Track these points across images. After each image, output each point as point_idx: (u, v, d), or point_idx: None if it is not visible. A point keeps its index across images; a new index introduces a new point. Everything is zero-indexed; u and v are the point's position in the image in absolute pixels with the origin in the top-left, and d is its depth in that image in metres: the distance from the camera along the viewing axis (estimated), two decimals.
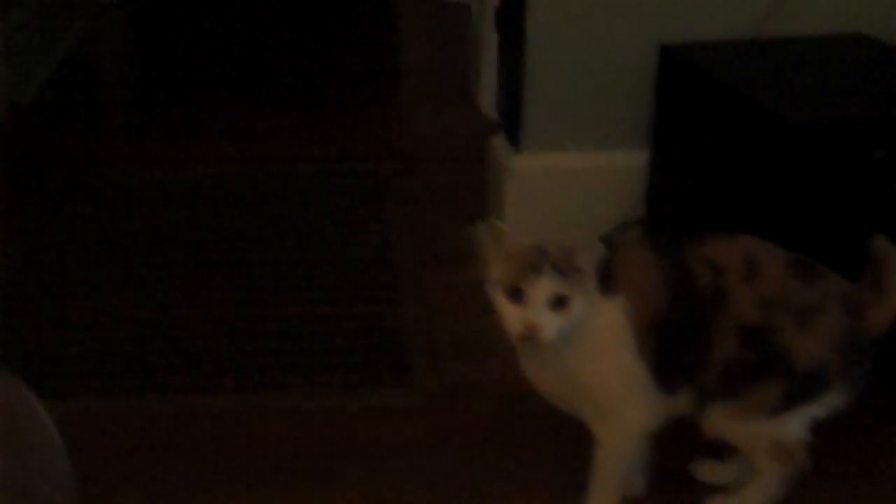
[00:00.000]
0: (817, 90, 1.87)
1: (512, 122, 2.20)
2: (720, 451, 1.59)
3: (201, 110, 3.03)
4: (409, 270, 2.19)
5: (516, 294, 1.36)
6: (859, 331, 1.45)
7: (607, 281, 1.41)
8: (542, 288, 1.35)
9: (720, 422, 1.48)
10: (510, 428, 1.74)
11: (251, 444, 1.71)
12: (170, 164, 2.67)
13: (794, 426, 1.49)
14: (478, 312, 1.68)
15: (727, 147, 1.87)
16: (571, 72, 2.09)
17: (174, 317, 2.03)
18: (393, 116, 3.07)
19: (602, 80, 2.10)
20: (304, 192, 2.53)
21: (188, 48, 3.59)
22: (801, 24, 2.07)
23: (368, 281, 2.15)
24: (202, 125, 2.93)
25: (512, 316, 1.36)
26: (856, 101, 1.82)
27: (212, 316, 2.03)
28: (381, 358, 1.91)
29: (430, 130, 2.94)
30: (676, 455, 1.62)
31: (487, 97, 2.88)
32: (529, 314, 1.35)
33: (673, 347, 1.44)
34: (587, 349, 1.43)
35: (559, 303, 1.36)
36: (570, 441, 1.57)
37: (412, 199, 2.51)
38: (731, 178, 1.86)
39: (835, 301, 1.45)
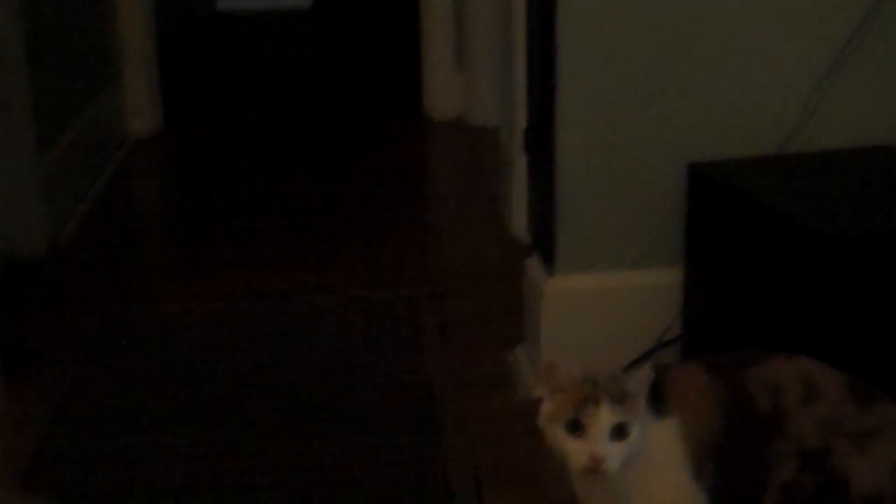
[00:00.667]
0: (848, 202, 1.87)
1: (545, 245, 2.21)
2: None
3: (237, 241, 3.07)
4: (448, 397, 2.18)
5: (576, 427, 1.37)
6: None
7: (660, 403, 1.41)
8: (603, 419, 1.36)
9: None
10: None
11: None
12: (203, 297, 2.69)
13: None
14: (520, 439, 1.68)
15: (760, 263, 1.87)
16: (602, 192, 2.11)
17: (211, 452, 2.02)
18: (425, 242, 3.09)
19: (633, 199, 2.11)
20: (340, 322, 2.53)
21: (223, 179, 3.65)
22: (829, 138, 2.08)
23: (407, 410, 2.14)
24: (238, 257, 2.96)
25: (575, 450, 1.37)
26: (888, 212, 1.82)
27: (245, 452, 2.02)
28: (424, 490, 1.89)
29: (463, 255, 2.96)
30: None
31: (518, 220, 2.91)
32: (593, 447, 1.36)
33: (731, 470, 1.42)
34: (643, 472, 1.42)
35: (619, 432, 1.36)
36: None
37: (448, 324, 2.51)
38: (766, 294, 1.86)
39: (893, 427, 1.43)
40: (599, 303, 2.14)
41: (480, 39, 3.90)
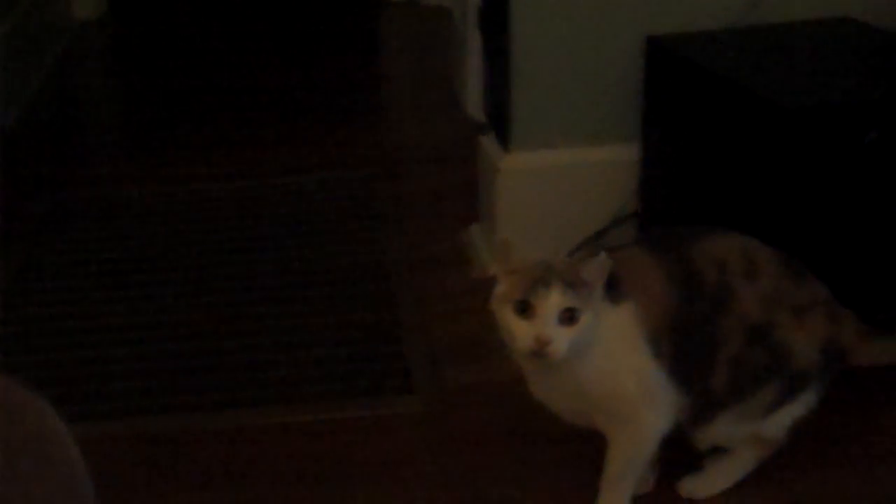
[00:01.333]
0: (808, 74, 1.85)
1: (500, 122, 2.19)
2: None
3: (185, 126, 3.01)
4: (404, 276, 2.17)
5: (525, 308, 1.33)
6: (837, 337, 1.48)
7: (613, 289, 1.39)
8: (552, 302, 1.32)
9: (723, 427, 1.47)
10: (514, 430, 1.72)
11: (253, 459, 1.68)
12: (156, 180, 2.65)
13: (780, 424, 1.49)
14: (475, 316, 1.67)
15: (719, 136, 1.86)
16: (558, 68, 2.08)
17: (168, 335, 2.01)
18: (378, 123, 3.05)
19: (589, 74, 2.08)
20: (294, 203, 2.51)
21: (170, 63, 3.57)
22: (788, 10, 2.05)
23: (363, 288, 2.13)
24: (186, 141, 2.91)
25: (521, 331, 1.33)
26: (847, 84, 1.81)
27: (206, 331, 2.01)
28: (380, 366, 1.89)
29: (417, 134, 2.92)
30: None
31: (473, 99, 2.86)
32: (540, 329, 1.32)
33: (684, 349, 1.42)
34: (601, 360, 1.40)
35: (569, 317, 1.33)
36: (577, 441, 1.55)
37: (403, 203, 2.49)
38: (723, 167, 1.85)
39: (821, 304, 1.47)
40: (556, 179, 2.12)
41: None
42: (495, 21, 2.20)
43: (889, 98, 1.73)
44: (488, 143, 2.22)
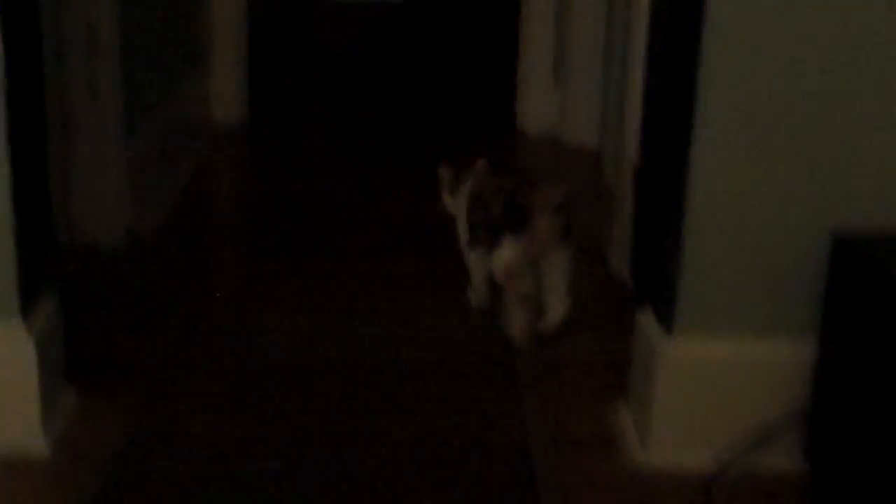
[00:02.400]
0: None
1: (660, 298, 2.06)
2: None
3: (321, 252, 2.95)
4: (546, 459, 2.03)
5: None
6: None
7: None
8: None
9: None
10: None
11: None
12: (288, 309, 2.57)
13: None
14: None
15: None
16: (735, 251, 1.95)
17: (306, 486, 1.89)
18: None
19: (767, 262, 1.95)
20: (425, 355, 2.38)
21: (305, 177, 3.54)
22: None
23: (501, 472, 1.98)
24: (322, 269, 2.83)
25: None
26: None
27: (342, 491, 1.89)
28: None
29: None
30: None
31: (618, 254, 2.75)
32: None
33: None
34: None
35: None
36: None
37: (545, 368, 2.36)
38: None
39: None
40: (723, 371, 1.98)
41: (582, 51, 3.74)
42: (663, 186, 2.09)
43: None
44: (647, 320, 2.09)
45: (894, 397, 1.74)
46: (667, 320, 2.02)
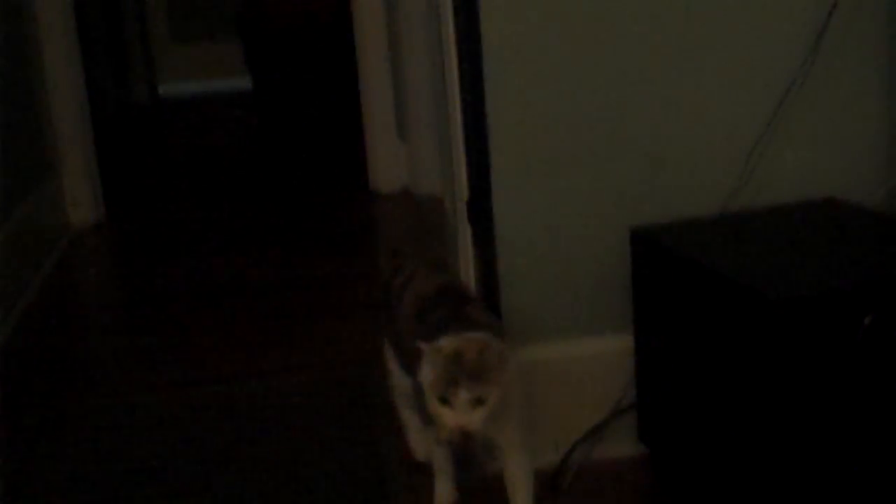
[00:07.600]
0: (794, 262, 1.84)
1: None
2: None
3: (185, 329, 3.01)
4: (400, 480, 2.11)
5: (445, 401, 1.69)
6: None
7: None
8: (461, 398, 1.68)
9: None
10: None
11: None
12: (157, 387, 2.62)
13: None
14: None
15: (708, 328, 1.83)
16: (544, 261, 2.08)
17: None
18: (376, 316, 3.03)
19: (577, 266, 2.08)
20: (287, 404, 2.47)
21: (166, 265, 3.59)
22: (773, 194, 2.06)
23: (360, 497, 2.07)
24: (184, 343, 2.89)
25: (445, 417, 1.69)
26: (837, 269, 1.79)
27: None
28: None
29: None
30: None
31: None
32: (457, 417, 1.68)
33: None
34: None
35: (478, 402, 1.68)
36: None
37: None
38: (713, 358, 1.82)
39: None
40: (552, 372, 2.09)
41: (419, 107, 3.88)
42: (481, 214, 2.21)
43: (884, 282, 1.71)
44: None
45: (702, 371, 1.87)
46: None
